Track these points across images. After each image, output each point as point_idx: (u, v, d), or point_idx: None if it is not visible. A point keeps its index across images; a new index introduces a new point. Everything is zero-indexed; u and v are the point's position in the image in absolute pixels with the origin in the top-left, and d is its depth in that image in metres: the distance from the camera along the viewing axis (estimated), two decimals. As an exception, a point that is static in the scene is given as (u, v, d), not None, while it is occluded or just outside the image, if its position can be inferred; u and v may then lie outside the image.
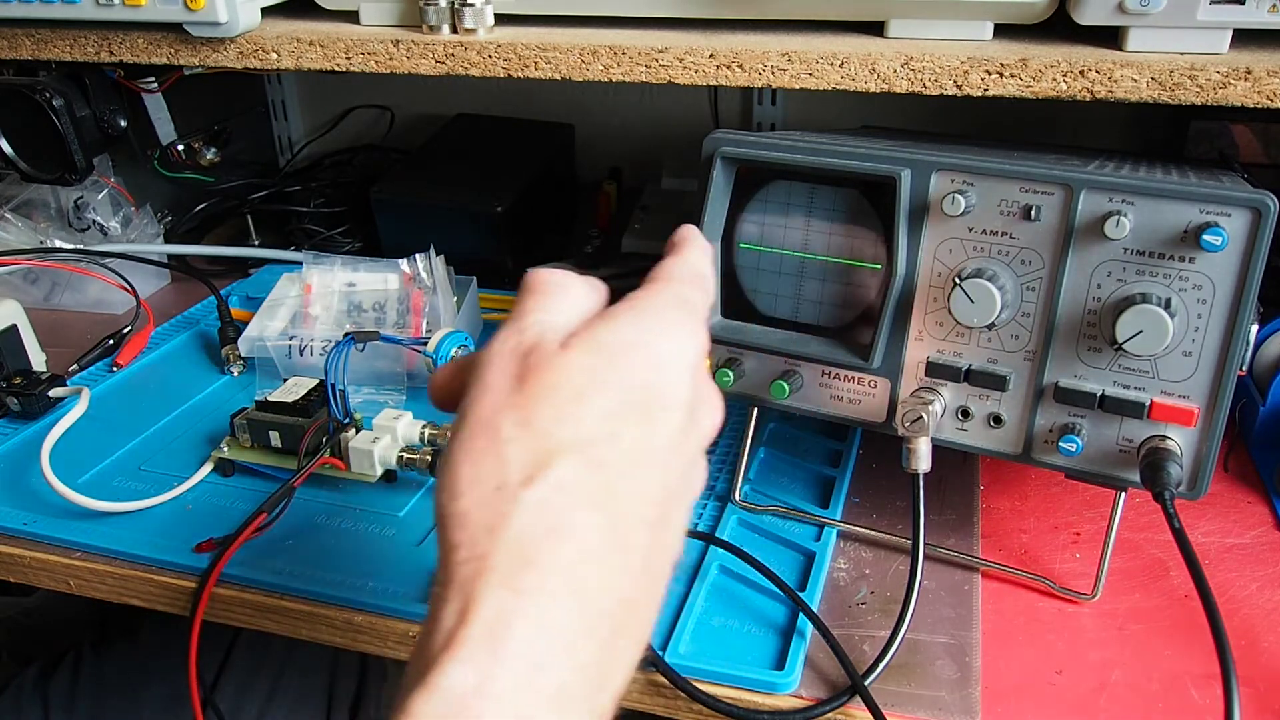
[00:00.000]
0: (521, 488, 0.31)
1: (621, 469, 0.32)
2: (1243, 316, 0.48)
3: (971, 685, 0.50)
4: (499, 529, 0.30)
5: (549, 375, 0.33)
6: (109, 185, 0.96)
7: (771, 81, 0.61)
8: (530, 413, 0.33)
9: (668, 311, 0.37)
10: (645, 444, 0.33)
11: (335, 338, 0.71)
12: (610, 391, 0.33)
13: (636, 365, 0.34)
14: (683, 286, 0.39)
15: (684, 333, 0.36)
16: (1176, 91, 0.55)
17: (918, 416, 0.53)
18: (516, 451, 0.32)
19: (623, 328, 0.35)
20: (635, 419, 0.33)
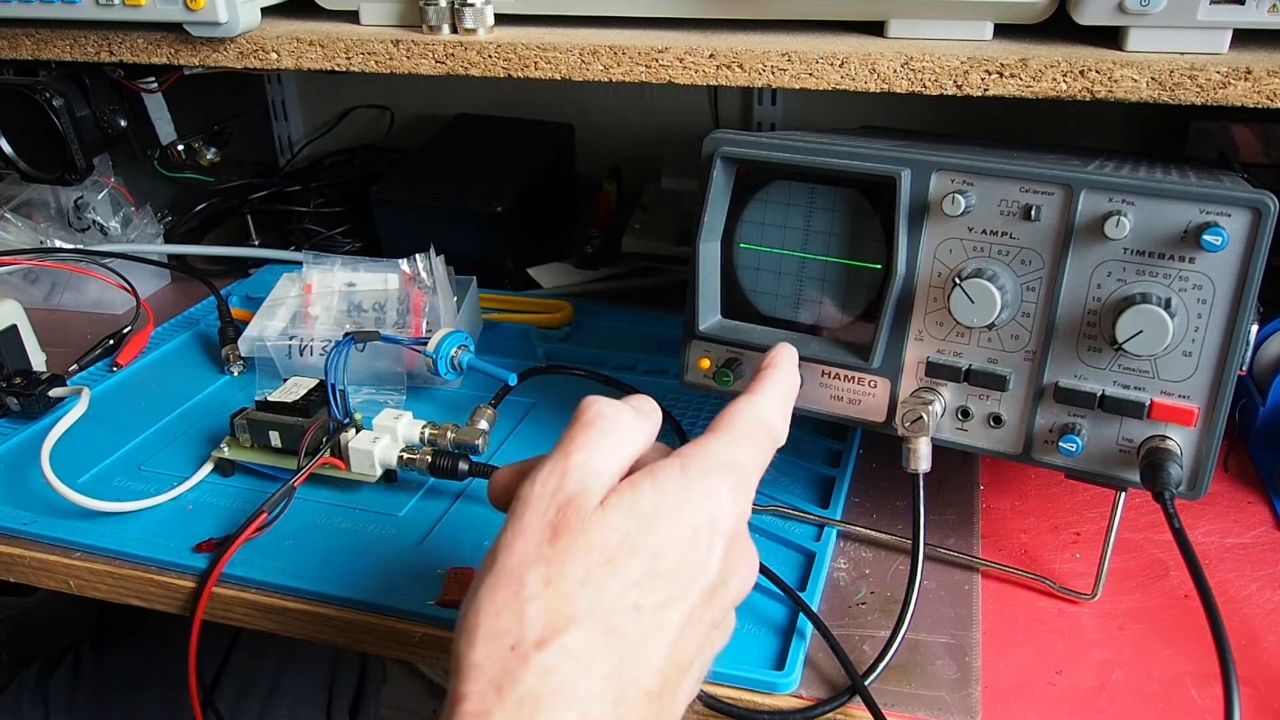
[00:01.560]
0: (535, 650, 0.32)
1: (634, 640, 0.33)
2: (1243, 316, 0.48)
3: (971, 685, 0.50)
4: (506, 689, 0.32)
5: (583, 536, 0.34)
6: (109, 185, 0.96)
7: (771, 81, 0.61)
8: (557, 571, 0.34)
9: (713, 477, 0.37)
10: (664, 616, 0.34)
11: (335, 338, 0.71)
12: (640, 559, 0.34)
13: (672, 535, 0.35)
14: (738, 445, 0.39)
15: (726, 501, 0.37)
16: (1176, 91, 0.55)
17: (918, 416, 0.53)
18: (536, 610, 0.33)
19: (665, 491, 0.36)
20: (660, 590, 0.34)
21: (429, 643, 0.55)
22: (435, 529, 0.63)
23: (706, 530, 0.36)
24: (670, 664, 0.34)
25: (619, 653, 0.33)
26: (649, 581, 0.34)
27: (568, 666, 0.32)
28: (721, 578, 0.36)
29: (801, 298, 0.58)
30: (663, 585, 0.34)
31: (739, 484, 0.38)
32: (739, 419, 0.41)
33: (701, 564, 0.36)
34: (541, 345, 0.85)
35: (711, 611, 0.36)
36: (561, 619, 0.33)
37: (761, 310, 0.59)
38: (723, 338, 0.59)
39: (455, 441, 0.66)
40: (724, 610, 0.37)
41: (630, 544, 0.34)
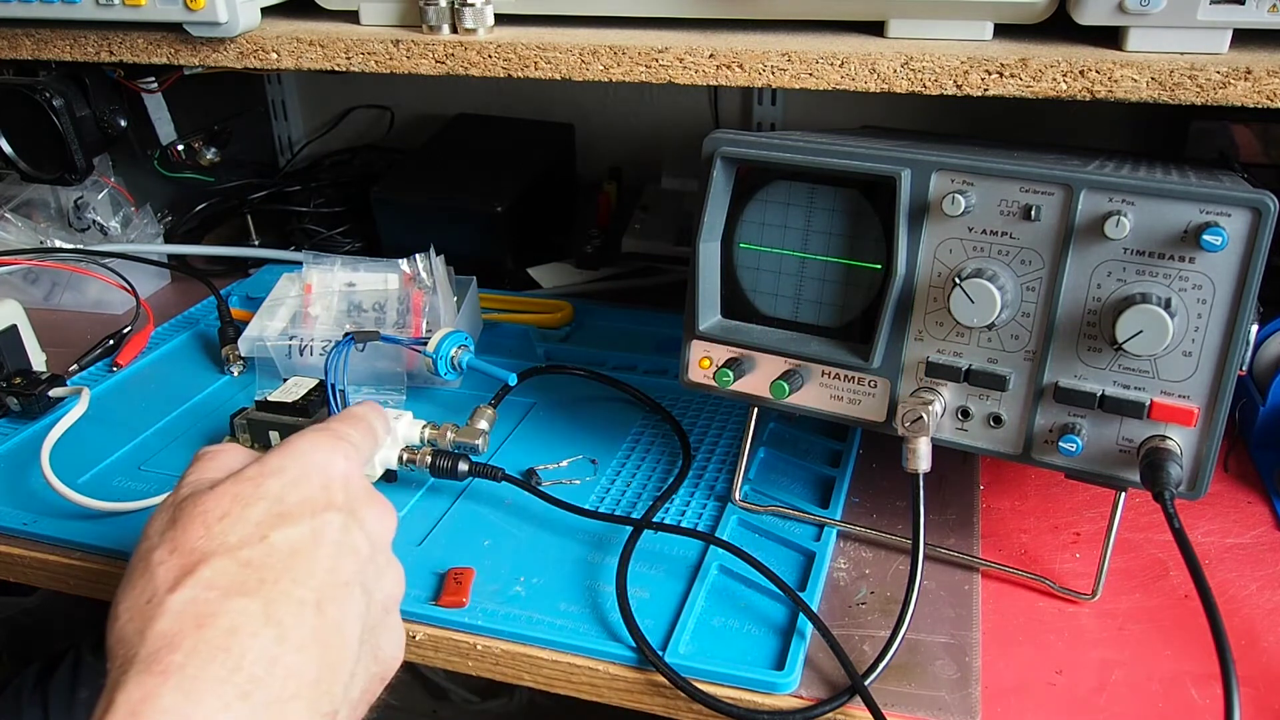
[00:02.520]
0: (169, 593, 0.34)
1: (272, 563, 0.36)
2: (1243, 316, 0.48)
3: (971, 685, 0.50)
4: (146, 629, 0.33)
5: (197, 508, 0.38)
6: (109, 185, 0.96)
7: (771, 81, 0.61)
8: (179, 539, 0.37)
9: (311, 437, 0.43)
10: (297, 542, 0.37)
11: (335, 338, 0.71)
12: (257, 505, 0.38)
13: (283, 482, 0.39)
14: (330, 422, 0.46)
15: (326, 450, 0.42)
16: (1176, 91, 0.55)
17: (918, 416, 0.53)
18: (165, 570, 0.35)
19: (268, 459, 0.41)
20: (285, 524, 0.37)
21: (429, 643, 0.55)
22: (435, 529, 0.63)
23: (319, 472, 0.40)
24: (325, 580, 0.37)
25: (259, 576, 0.35)
26: (274, 520, 0.37)
27: (205, 594, 0.34)
28: (350, 509, 0.40)
29: (801, 298, 0.58)
30: (286, 520, 0.37)
31: (339, 441, 0.43)
32: (332, 418, 0.49)
33: (323, 498, 0.39)
34: (541, 345, 0.85)
35: (356, 538, 0.39)
36: (190, 565, 0.35)
37: (761, 310, 0.59)
38: (723, 338, 0.59)
39: (455, 441, 0.66)
40: (369, 543, 0.40)
41: (244, 498, 0.38)
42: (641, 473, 0.68)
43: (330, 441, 0.43)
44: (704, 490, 0.66)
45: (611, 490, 0.66)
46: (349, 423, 0.47)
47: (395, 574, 0.43)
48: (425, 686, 1.27)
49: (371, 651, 0.39)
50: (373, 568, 0.40)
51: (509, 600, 0.56)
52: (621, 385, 0.76)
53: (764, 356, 0.59)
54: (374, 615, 0.40)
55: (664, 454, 0.70)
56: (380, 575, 0.41)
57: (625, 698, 0.53)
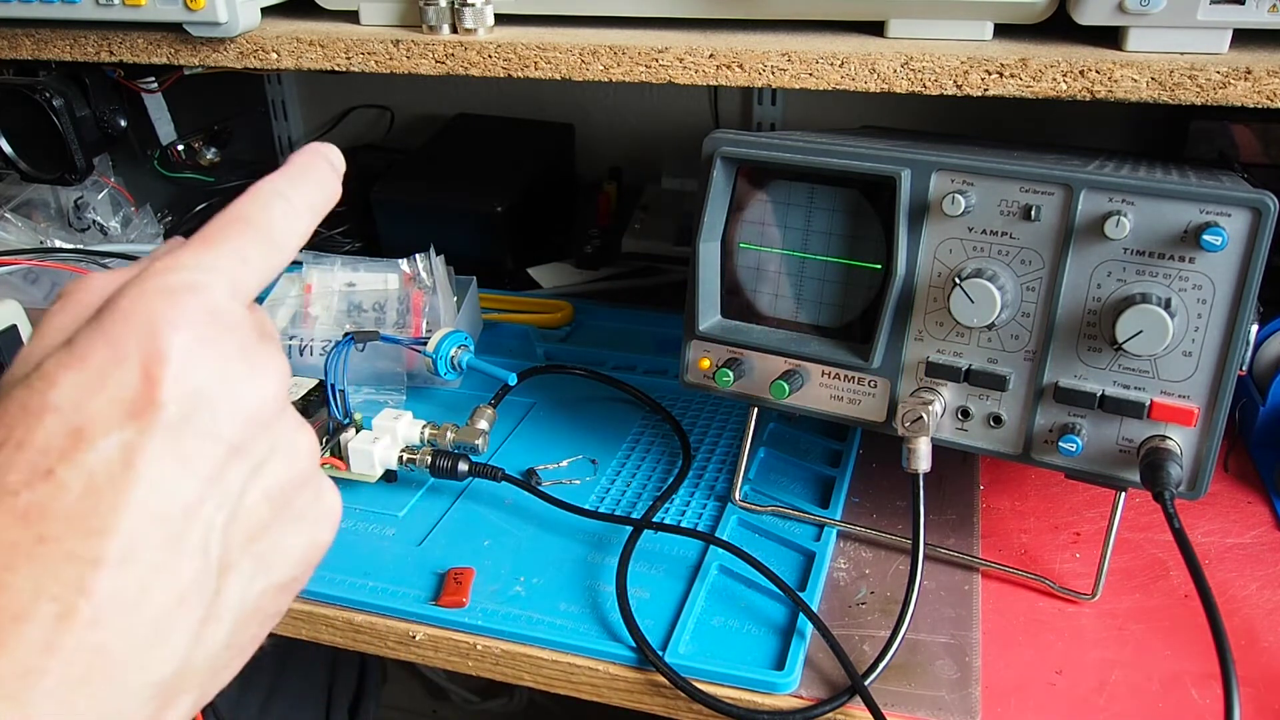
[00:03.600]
0: None
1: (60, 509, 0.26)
2: (1243, 316, 0.48)
3: (971, 685, 0.50)
4: None
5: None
6: (109, 185, 0.96)
7: (771, 81, 0.61)
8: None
9: (131, 298, 0.28)
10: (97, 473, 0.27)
11: (335, 338, 0.71)
12: (45, 420, 0.27)
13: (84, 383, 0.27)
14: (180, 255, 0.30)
15: (151, 319, 0.28)
16: (1176, 91, 0.55)
17: (918, 416, 0.53)
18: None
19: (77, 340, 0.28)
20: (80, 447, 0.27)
21: (429, 643, 0.55)
22: (435, 529, 0.63)
23: (138, 356, 0.27)
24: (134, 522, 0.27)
25: (36, 530, 0.26)
26: (63, 440, 0.27)
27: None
28: (188, 400, 0.28)
29: (801, 298, 0.58)
30: (86, 436, 0.27)
31: (190, 301, 0.29)
32: (203, 228, 0.31)
33: (142, 394, 0.27)
34: (541, 345, 0.85)
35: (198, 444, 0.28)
36: None
37: (761, 310, 0.59)
38: (723, 338, 0.59)
39: (455, 441, 0.66)
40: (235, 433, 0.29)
41: (29, 409, 0.27)
42: (641, 473, 0.68)
43: (166, 293, 0.28)
44: (704, 490, 0.66)
45: (611, 490, 0.66)
46: (219, 243, 0.30)
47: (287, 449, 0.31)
48: (425, 686, 1.27)
49: (256, 566, 0.30)
50: (239, 468, 0.29)
51: (509, 600, 0.56)
52: (621, 385, 0.76)
53: (764, 356, 0.59)
54: (253, 522, 0.29)
55: (664, 454, 0.70)
56: (259, 468, 0.30)
57: (625, 698, 0.53)
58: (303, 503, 0.31)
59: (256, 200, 0.33)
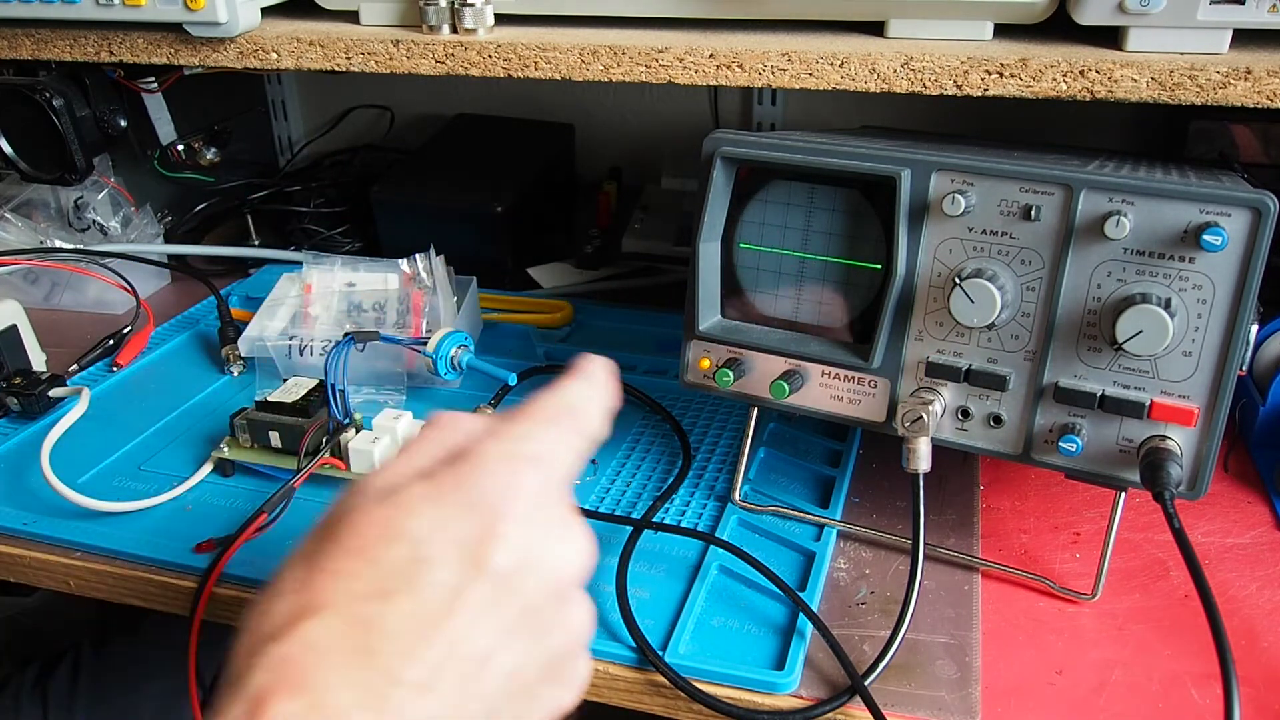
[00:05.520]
0: (272, 641, 0.30)
1: (389, 628, 0.30)
2: (1243, 316, 0.48)
3: (971, 685, 0.50)
4: (246, 674, 0.30)
5: (343, 526, 0.32)
6: (109, 185, 0.96)
7: (771, 81, 0.61)
8: (311, 569, 0.32)
9: (490, 456, 0.34)
10: (428, 604, 0.31)
11: (335, 338, 0.71)
12: (399, 546, 0.31)
13: (435, 520, 0.32)
14: (528, 425, 0.36)
15: (504, 481, 0.33)
16: (1176, 91, 0.55)
17: (918, 416, 0.53)
18: (283, 605, 0.31)
19: (440, 478, 0.33)
20: (420, 575, 0.31)
21: (429, 643, 0.55)
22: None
23: (485, 511, 0.32)
24: (445, 655, 0.30)
25: (368, 644, 0.30)
26: (407, 568, 0.31)
27: (300, 657, 0.29)
28: (514, 560, 0.32)
29: (801, 298, 0.58)
30: (424, 571, 0.31)
31: (530, 473, 0.34)
32: (539, 404, 0.38)
33: (478, 545, 0.31)
34: (541, 345, 0.85)
35: (513, 600, 0.32)
36: (302, 611, 0.30)
37: (761, 310, 0.59)
38: (723, 338, 0.59)
39: (455, 441, 0.66)
40: (538, 598, 0.33)
41: (389, 531, 0.32)
42: (641, 473, 0.68)
43: (518, 460, 0.34)
44: (704, 490, 0.66)
45: (611, 490, 0.66)
46: (555, 425, 0.37)
47: (574, 623, 0.35)
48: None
49: (517, 715, 0.33)
50: (532, 629, 0.33)
51: (509, 600, 0.56)
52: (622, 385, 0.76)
53: (764, 356, 0.59)
54: (526, 679, 0.33)
55: (664, 454, 0.70)
56: (545, 634, 0.33)
57: (625, 698, 0.53)
58: (567, 671, 0.35)
59: (580, 397, 0.39)
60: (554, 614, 0.34)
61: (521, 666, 0.33)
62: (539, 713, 0.34)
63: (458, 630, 0.31)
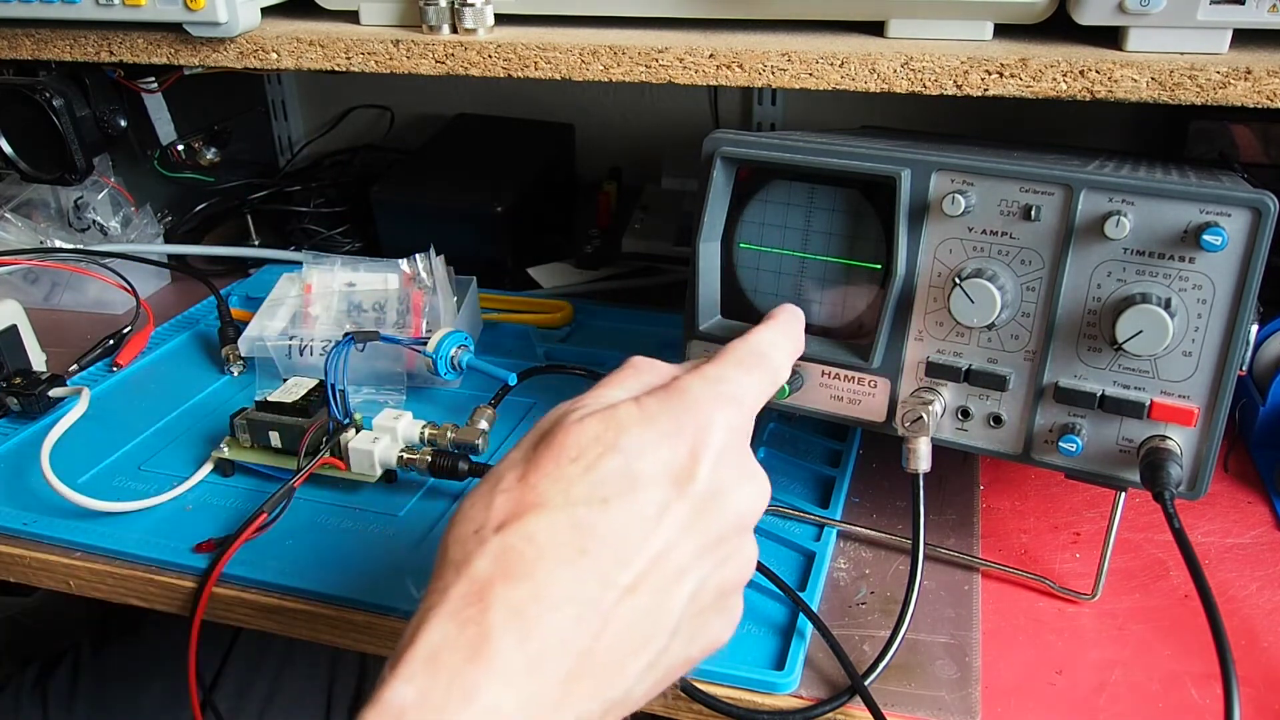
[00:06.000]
0: (494, 533, 0.33)
1: (603, 533, 0.33)
2: (1243, 316, 0.48)
3: (971, 685, 0.50)
4: (463, 565, 0.33)
5: (559, 437, 0.35)
6: (109, 185, 0.96)
7: (771, 81, 0.61)
8: (529, 469, 0.35)
9: (702, 386, 0.38)
10: (637, 516, 0.34)
11: (335, 338, 0.71)
12: (614, 458, 0.34)
13: (647, 439, 0.35)
14: (727, 369, 0.40)
15: (710, 408, 0.37)
16: (1176, 91, 0.55)
17: (918, 416, 0.53)
18: (503, 500, 0.34)
19: (645, 404, 0.36)
20: (632, 490, 0.34)
21: (429, 643, 0.55)
22: (435, 529, 0.63)
23: (690, 438, 0.36)
24: (650, 564, 0.34)
25: (582, 543, 0.33)
26: (620, 478, 0.34)
27: (523, 549, 0.32)
28: (712, 487, 0.35)
29: (801, 298, 0.58)
30: (637, 484, 0.34)
31: (730, 410, 0.38)
32: (733, 350, 0.42)
33: (685, 468, 0.35)
34: (541, 345, 0.85)
35: (707, 523, 0.35)
36: (523, 506, 0.33)
37: (761, 310, 0.59)
38: (723, 338, 0.59)
39: (455, 441, 0.66)
40: (726, 527, 0.36)
41: (602, 443, 0.35)
42: (641, 473, 0.68)
43: (719, 398, 0.37)
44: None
45: (611, 490, 0.66)
46: (749, 369, 0.41)
47: (745, 557, 0.38)
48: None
49: (689, 636, 0.36)
50: (717, 555, 0.36)
51: (509, 600, 0.56)
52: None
53: (764, 356, 0.59)
54: (702, 601, 0.36)
55: (664, 454, 0.70)
56: (724, 561, 0.36)
57: (625, 698, 0.53)
58: (732, 602, 0.38)
59: (773, 344, 0.44)
60: (734, 545, 0.37)
61: (702, 589, 0.35)
62: (704, 640, 0.37)
63: (662, 543, 0.34)
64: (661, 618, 0.34)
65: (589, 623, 0.32)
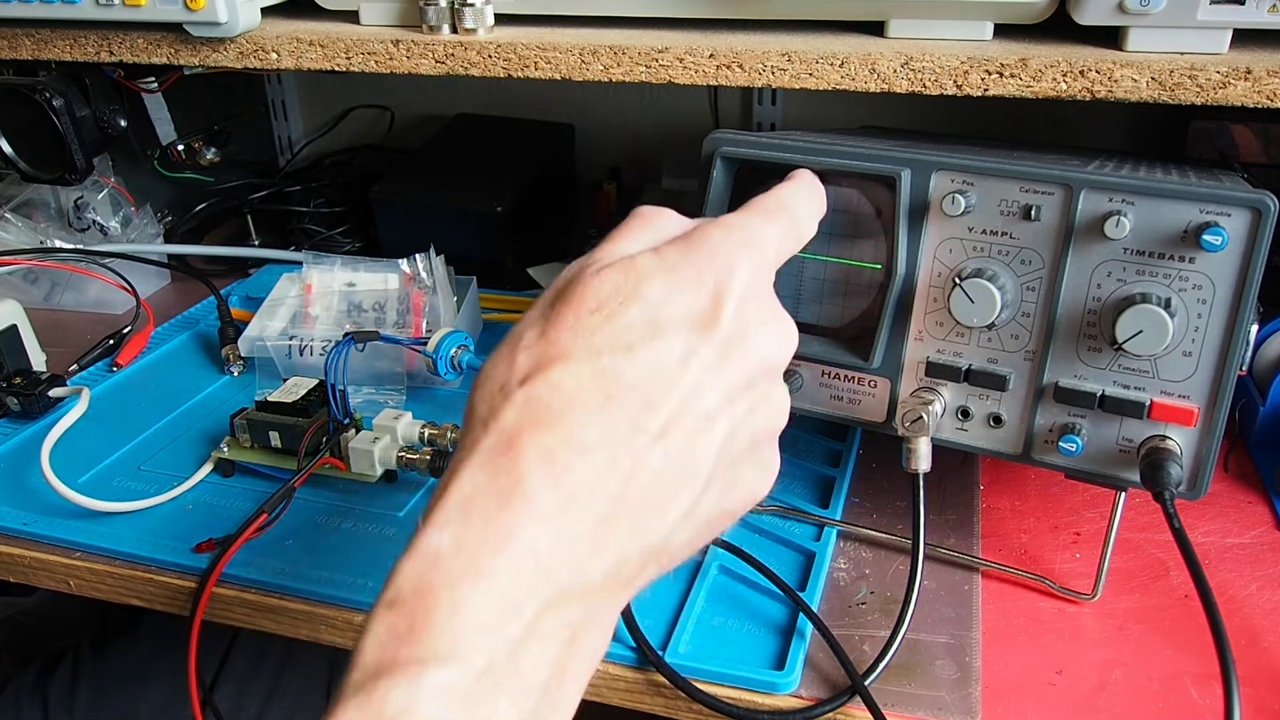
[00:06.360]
0: (519, 385, 0.33)
1: (627, 378, 0.33)
2: (1243, 316, 0.48)
3: (971, 685, 0.50)
4: (490, 420, 0.32)
5: (578, 290, 0.35)
6: (109, 185, 0.96)
7: (771, 81, 0.61)
8: (550, 324, 0.34)
9: (723, 232, 0.37)
10: (661, 361, 0.33)
11: (335, 338, 0.71)
12: (634, 307, 0.34)
13: (669, 286, 0.34)
14: (750, 217, 0.39)
15: (731, 253, 0.36)
16: (1176, 91, 0.55)
17: (918, 416, 0.53)
18: (525, 356, 0.34)
19: (667, 250, 0.36)
20: (656, 336, 0.34)
21: (429, 643, 0.55)
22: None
23: (712, 283, 0.35)
24: (678, 409, 0.33)
25: (609, 390, 0.32)
26: (643, 326, 0.34)
27: (549, 397, 0.32)
28: (737, 330, 0.35)
29: (801, 298, 0.58)
30: (660, 331, 0.34)
31: (752, 256, 0.37)
32: (758, 200, 0.41)
33: (708, 313, 0.34)
34: (541, 345, 0.85)
35: (734, 367, 0.35)
36: (547, 359, 0.33)
37: (761, 310, 0.59)
38: (723, 338, 0.59)
39: (455, 441, 0.66)
40: (753, 370, 0.36)
41: (622, 292, 0.34)
42: (641, 473, 0.68)
43: (740, 245, 0.37)
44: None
45: (611, 490, 0.66)
46: (771, 218, 0.40)
47: (776, 404, 0.37)
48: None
49: (724, 485, 0.35)
50: (746, 400, 0.35)
51: (509, 600, 0.56)
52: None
53: (764, 356, 0.59)
54: (735, 448, 0.35)
55: (664, 454, 0.70)
56: (754, 408, 0.36)
57: (625, 698, 0.53)
58: (766, 452, 0.38)
59: (795, 195, 0.42)
60: (764, 390, 0.36)
61: (734, 434, 0.35)
62: (741, 490, 0.36)
63: (689, 387, 0.34)
64: (694, 462, 0.34)
65: (620, 466, 0.32)
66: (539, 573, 0.30)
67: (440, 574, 0.29)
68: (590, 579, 0.31)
